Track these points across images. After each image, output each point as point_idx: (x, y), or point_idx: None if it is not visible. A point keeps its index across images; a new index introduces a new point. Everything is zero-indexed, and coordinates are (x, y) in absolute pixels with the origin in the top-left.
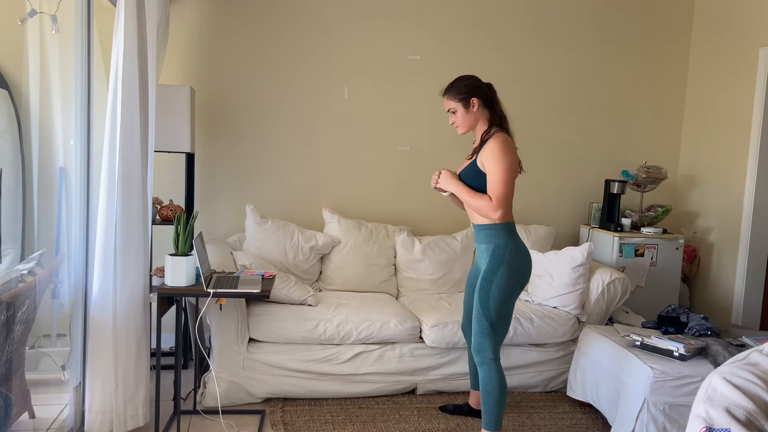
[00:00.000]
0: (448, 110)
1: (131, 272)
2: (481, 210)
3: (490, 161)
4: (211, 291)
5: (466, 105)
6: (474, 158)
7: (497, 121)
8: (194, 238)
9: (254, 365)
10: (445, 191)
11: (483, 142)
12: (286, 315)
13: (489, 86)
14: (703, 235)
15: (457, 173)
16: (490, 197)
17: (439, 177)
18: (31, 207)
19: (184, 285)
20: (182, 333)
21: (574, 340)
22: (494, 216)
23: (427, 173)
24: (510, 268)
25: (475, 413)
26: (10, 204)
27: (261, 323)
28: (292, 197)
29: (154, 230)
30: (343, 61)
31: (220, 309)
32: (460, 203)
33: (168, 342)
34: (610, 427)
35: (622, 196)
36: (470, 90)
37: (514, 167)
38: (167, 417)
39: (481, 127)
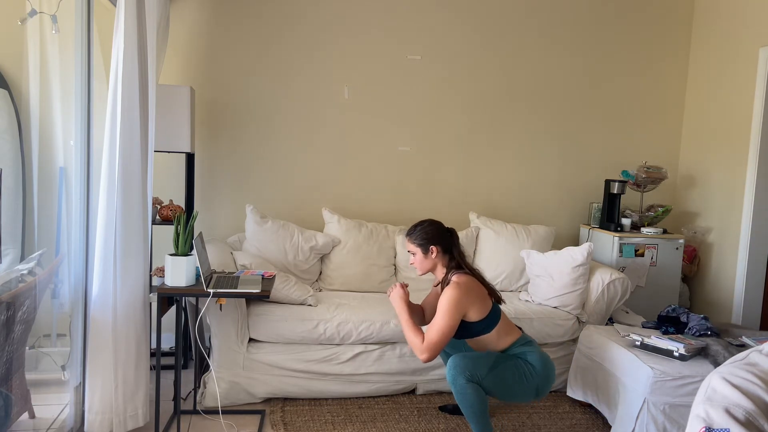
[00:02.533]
0: (408, 251)
1: (131, 272)
2: (411, 345)
3: (439, 309)
4: (211, 291)
5: (425, 251)
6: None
7: (455, 265)
8: (194, 238)
9: (254, 365)
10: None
11: (443, 283)
12: (286, 315)
13: (451, 232)
14: (703, 235)
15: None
16: (423, 338)
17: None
18: (31, 207)
19: (184, 285)
20: (182, 333)
21: (574, 340)
22: (421, 357)
23: (427, 173)
24: (539, 370)
25: None
26: (10, 204)
27: (261, 323)
28: (292, 197)
29: (154, 230)
30: (343, 61)
31: (220, 309)
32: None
33: (168, 342)
34: (610, 427)
35: (622, 196)
36: (430, 237)
37: (456, 320)
38: (167, 417)
39: (440, 272)
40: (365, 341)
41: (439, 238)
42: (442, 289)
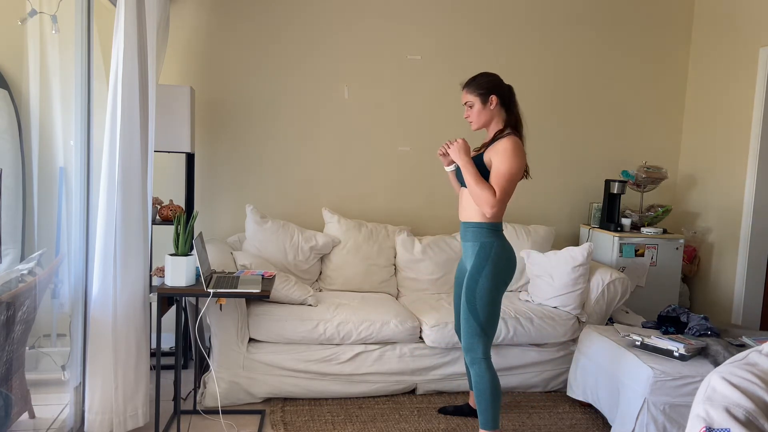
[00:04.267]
0: (465, 103)
1: (131, 272)
2: (480, 198)
3: (500, 157)
4: (211, 291)
5: (484, 101)
6: (481, 152)
7: (513, 123)
8: (194, 238)
9: (254, 365)
10: (451, 164)
11: (494, 139)
12: (286, 315)
13: (510, 88)
14: (703, 235)
15: None
16: (493, 191)
17: (450, 146)
18: (31, 207)
19: (184, 285)
20: (182, 333)
21: (574, 340)
22: (489, 210)
23: (427, 173)
24: (495, 267)
25: (476, 413)
26: (10, 204)
27: (261, 323)
28: (292, 197)
29: (154, 230)
30: (343, 61)
31: (220, 309)
32: (457, 186)
33: (168, 342)
34: (610, 427)
35: (622, 196)
36: (491, 87)
37: (521, 170)
38: (167, 417)
39: (495, 126)
40: (365, 341)
41: (499, 88)
42: (490, 144)
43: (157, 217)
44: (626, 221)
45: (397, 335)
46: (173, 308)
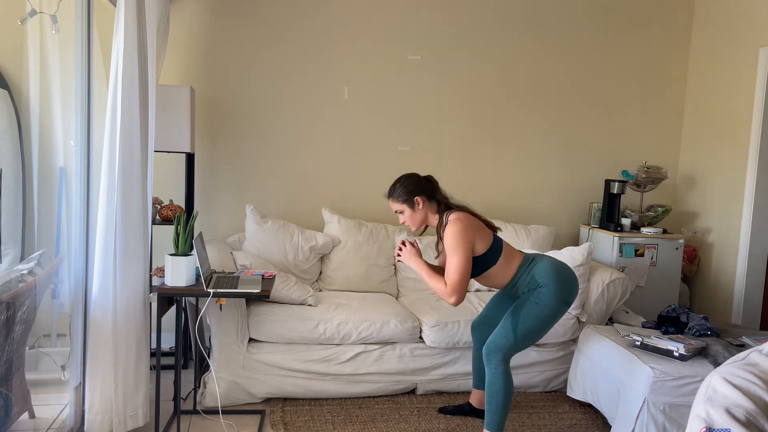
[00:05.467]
0: (396, 211)
1: (131, 272)
2: (437, 292)
3: (448, 250)
4: (211, 291)
5: (411, 205)
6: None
7: (444, 208)
8: (194, 238)
9: (254, 365)
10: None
11: (441, 236)
12: (286, 315)
13: (429, 179)
14: (703, 235)
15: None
16: (446, 283)
17: (402, 248)
18: (31, 207)
19: (184, 285)
20: (182, 333)
21: (574, 340)
22: (449, 301)
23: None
24: (552, 286)
25: (477, 412)
26: (10, 204)
27: (261, 323)
28: (292, 197)
29: (154, 230)
30: (343, 61)
31: (220, 309)
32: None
33: (168, 342)
34: (610, 427)
35: (622, 196)
36: (411, 190)
37: (467, 251)
38: (167, 417)
39: (434, 219)
40: (365, 341)
41: (420, 188)
42: (442, 232)
43: (157, 217)
44: (626, 221)
45: (397, 335)
46: (173, 308)
